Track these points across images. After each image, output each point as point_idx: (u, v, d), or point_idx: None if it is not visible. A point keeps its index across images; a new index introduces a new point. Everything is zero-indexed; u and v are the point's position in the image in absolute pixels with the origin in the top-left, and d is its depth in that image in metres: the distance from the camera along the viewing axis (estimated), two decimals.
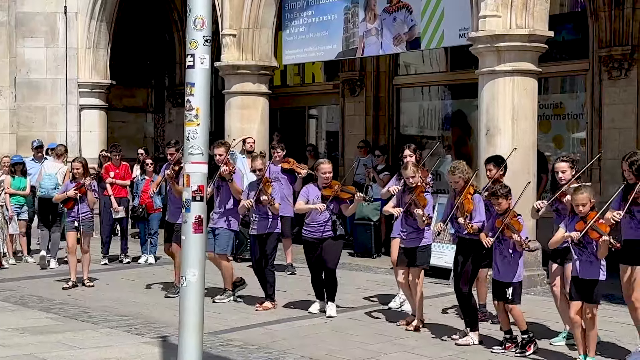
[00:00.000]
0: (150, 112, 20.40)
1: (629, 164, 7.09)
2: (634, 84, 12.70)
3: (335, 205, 9.11)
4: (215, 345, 7.92)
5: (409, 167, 8.60)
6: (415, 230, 8.64)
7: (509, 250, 7.53)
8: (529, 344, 7.56)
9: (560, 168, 7.74)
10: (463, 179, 7.99)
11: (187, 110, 4.82)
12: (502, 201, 7.55)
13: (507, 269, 7.57)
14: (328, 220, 9.12)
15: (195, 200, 4.76)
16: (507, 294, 7.54)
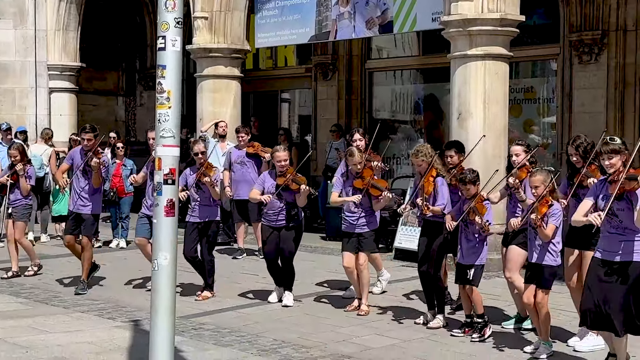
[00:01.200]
0: (121, 95, 20.24)
1: (575, 147, 7.21)
2: (603, 69, 12.80)
3: (289, 195, 8.86)
4: (188, 329, 7.91)
5: (356, 154, 8.51)
6: (368, 215, 8.60)
7: (474, 234, 7.56)
8: (484, 328, 7.58)
9: (514, 151, 7.86)
10: (426, 162, 8.03)
11: (158, 93, 4.78)
12: (470, 187, 7.56)
13: (470, 252, 7.59)
14: (282, 209, 8.89)
15: (167, 183, 4.74)
16: (468, 275, 7.57)
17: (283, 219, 8.92)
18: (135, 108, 20.27)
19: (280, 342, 7.48)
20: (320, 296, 9.53)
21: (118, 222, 13.48)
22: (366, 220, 8.62)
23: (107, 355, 7.00)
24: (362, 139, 9.09)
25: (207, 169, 9.23)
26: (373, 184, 8.49)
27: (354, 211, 8.61)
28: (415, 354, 7.14)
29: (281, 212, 8.91)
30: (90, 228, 10.03)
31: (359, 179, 8.54)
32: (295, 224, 8.98)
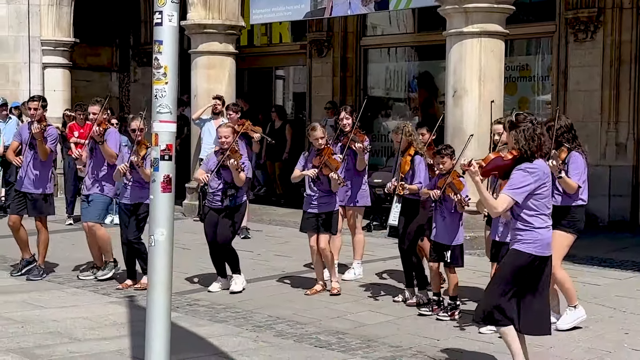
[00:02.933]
0: (115, 71, 20.13)
1: (546, 129, 6.89)
2: (599, 47, 12.77)
3: (226, 174, 8.46)
4: (183, 305, 7.95)
5: (318, 129, 8.38)
6: (327, 195, 8.43)
7: (450, 211, 7.53)
8: (453, 310, 7.56)
9: (497, 130, 7.86)
10: (406, 140, 8.06)
11: (155, 69, 4.75)
12: (447, 160, 7.54)
13: (446, 230, 7.56)
14: (219, 189, 8.49)
15: (164, 159, 4.72)
16: (446, 257, 7.54)
17: (218, 199, 8.52)
18: (129, 84, 20.18)
19: (275, 318, 7.52)
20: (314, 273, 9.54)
21: (112, 199, 13.43)
22: (325, 200, 8.40)
23: (103, 330, 7.03)
24: (349, 117, 9.03)
25: (139, 147, 8.51)
26: (326, 162, 8.29)
27: (314, 190, 8.40)
28: (409, 330, 7.19)
29: (217, 192, 8.52)
30: (40, 209, 9.31)
31: (317, 156, 8.37)
32: (231, 205, 8.52)
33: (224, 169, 8.45)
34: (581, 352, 6.57)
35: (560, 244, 6.98)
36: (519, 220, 5.67)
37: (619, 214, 12.55)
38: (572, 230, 7.15)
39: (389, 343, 6.78)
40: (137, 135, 8.59)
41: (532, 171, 5.59)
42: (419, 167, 8.01)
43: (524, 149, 5.63)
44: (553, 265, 6.92)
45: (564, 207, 7.10)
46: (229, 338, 6.85)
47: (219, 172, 8.46)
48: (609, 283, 8.87)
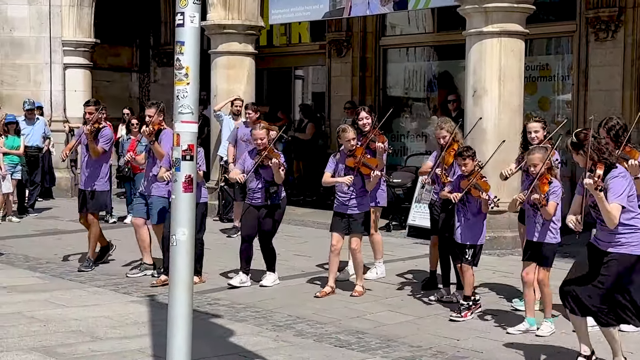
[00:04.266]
0: (135, 72, 20.23)
1: (607, 130, 7.01)
2: (620, 46, 12.69)
3: (267, 173, 8.63)
4: (203, 304, 7.98)
5: (349, 130, 8.36)
6: (360, 196, 8.42)
7: (474, 212, 7.53)
8: (466, 311, 7.54)
9: (532, 128, 7.76)
10: (449, 135, 8.11)
11: (176, 69, 4.78)
12: (468, 162, 7.54)
13: (469, 231, 7.55)
14: (259, 188, 8.67)
15: (185, 159, 4.76)
16: (467, 255, 7.54)
17: (260, 197, 8.69)
18: (149, 84, 20.28)
19: (295, 317, 7.54)
20: None
21: (133, 198, 13.51)
22: (357, 201, 8.40)
23: (124, 329, 7.08)
24: (369, 117, 8.97)
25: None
26: (364, 163, 8.30)
27: (346, 191, 8.40)
28: (429, 330, 7.19)
29: (258, 191, 8.68)
30: (95, 204, 9.81)
31: (351, 157, 8.35)
32: (272, 202, 8.71)
33: (262, 168, 8.61)
34: (602, 351, 6.53)
35: None
36: (620, 225, 5.83)
37: None
38: None
39: (409, 343, 6.78)
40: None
41: (625, 174, 5.95)
42: None
43: (605, 160, 5.88)
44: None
45: None
46: (249, 337, 6.88)
47: (257, 172, 8.63)
48: None
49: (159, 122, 9.32)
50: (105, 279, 9.17)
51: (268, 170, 8.59)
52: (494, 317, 7.60)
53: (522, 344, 6.77)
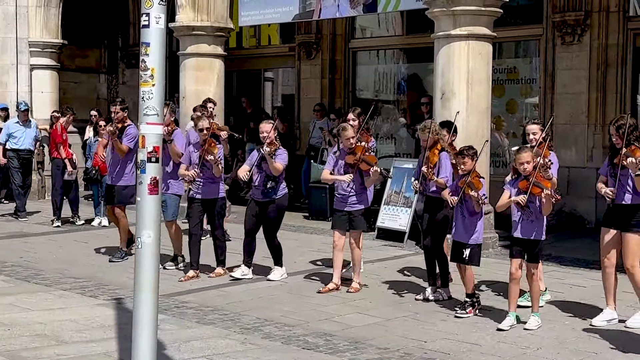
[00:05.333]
0: (104, 73, 20.08)
1: (616, 128, 7.21)
2: (586, 50, 12.82)
3: (267, 167, 8.85)
4: (170, 307, 7.93)
5: (349, 129, 8.62)
6: (359, 193, 8.67)
7: (470, 211, 7.66)
8: (470, 308, 7.69)
9: (531, 130, 7.97)
10: (433, 138, 8.27)
11: (142, 71, 4.76)
12: (468, 161, 7.65)
13: (465, 229, 7.70)
14: (262, 183, 8.91)
15: (151, 161, 4.73)
16: (465, 255, 7.67)
17: (260, 192, 8.96)
18: (118, 86, 20.13)
19: (263, 320, 7.52)
20: (303, 275, 9.56)
21: (100, 201, 13.42)
22: (357, 198, 8.67)
23: (90, 332, 7.01)
24: (356, 119, 9.19)
25: (210, 147, 9.10)
26: (364, 159, 8.53)
27: (346, 189, 8.66)
28: (397, 332, 7.20)
29: (261, 185, 8.93)
30: (120, 198, 10.31)
31: (350, 154, 8.59)
32: (271, 197, 8.93)
33: (264, 162, 8.83)
34: (567, 353, 6.60)
35: (636, 246, 7.19)
36: None
37: None
38: None
39: (377, 345, 6.79)
40: (205, 134, 9.13)
41: None
42: (444, 163, 8.22)
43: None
44: (633, 267, 7.17)
45: (634, 205, 7.20)
46: (217, 340, 6.84)
47: (260, 166, 8.88)
48: (596, 285, 8.89)
49: (170, 122, 9.77)
50: (72, 282, 9.08)
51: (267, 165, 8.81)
52: (462, 318, 7.64)
53: (488, 345, 6.81)
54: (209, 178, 9.23)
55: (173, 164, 9.67)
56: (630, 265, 7.25)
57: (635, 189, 7.16)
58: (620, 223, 7.28)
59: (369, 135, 9.34)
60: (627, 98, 12.67)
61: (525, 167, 7.14)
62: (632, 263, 7.24)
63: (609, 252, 7.40)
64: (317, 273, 9.64)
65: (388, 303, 8.26)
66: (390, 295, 8.61)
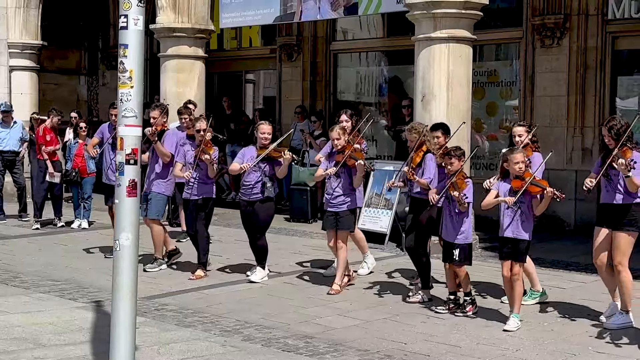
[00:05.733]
0: (84, 75, 19.99)
1: (607, 128, 7.31)
2: (565, 52, 12.90)
3: (269, 167, 9.06)
4: (150, 309, 7.90)
5: (335, 129, 8.78)
6: (346, 194, 8.77)
7: (455, 210, 7.74)
8: (470, 305, 7.82)
9: (517, 132, 8.12)
10: (420, 139, 8.35)
11: (120, 73, 4.74)
12: (455, 161, 7.73)
13: (453, 229, 7.78)
14: (257, 182, 9.04)
15: (129, 163, 4.71)
16: (454, 255, 7.75)
17: (258, 191, 9.06)
18: (98, 87, 20.05)
19: (243, 322, 7.51)
20: (283, 277, 9.55)
21: (80, 203, 13.36)
22: (343, 199, 8.76)
23: (69, 335, 6.97)
24: (349, 120, 9.30)
25: (207, 147, 9.21)
26: (350, 155, 8.62)
27: (334, 189, 8.76)
28: (377, 334, 7.21)
29: (256, 184, 9.04)
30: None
31: (340, 153, 8.73)
32: (271, 195, 9.10)
33: (264, 162, 8.99)
34: (546, 354, 6.63)
35: (626, 244, 7.28)
36: None
37: (585, 218, 12.65)
38: (633, 229, 7.33)
39: (357, 347, 6.79)
40: (202, 136, 9.22)
41: None
42: (429, 164, 8.28)
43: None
44: (621, 265, 7.24)
45: (625, 205, 7.29)
46: (197, 343, 6.82)
47: (259, 165, 9.01)
48: (575, 286, 8.97)
49: (162, 123, 9.93)
50: (51, 284, 9.03)
51: (269, 165, 9.00)
52: (442, 320, 7.66)
53: (467, 346, 6.83)
54: (202, 178, 9.34)
55: (162, 164, 9.75)
56: (619, 262, 7.35)
57: (626, 189, 7.27)
58: (612, 222, 7.39)
59: (361, 137, 9.44)
60: (606, 101, 12.75)
61: (520, 167, 7.27)
62: (620, 261, 7.34)
63: (601, 252, 7.51)
64: (298, 275, 9.64)
65: (368, 305, 8.27)
66: (371, 297, 8.62)
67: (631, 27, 12.51)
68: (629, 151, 7.15)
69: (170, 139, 9.87)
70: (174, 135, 9.95)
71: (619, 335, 7.13)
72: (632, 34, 12.58)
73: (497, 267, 9.65)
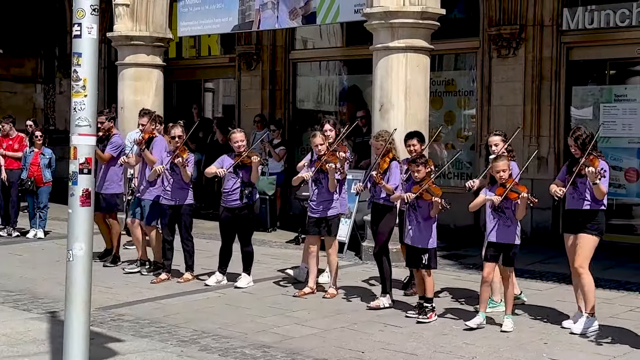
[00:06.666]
0: (40, 83, 19.76)
1: (574, 139, 7.52)
2: (521, 63, 13.06)
3: (245, 174, 9.19)
4: (106, 320, 7.82)
5: (317, 136, 8.93)
6: (326, 200, 8.89)
7: (424, 216, 7.87)
8: (431, 312, 7.91)
9: (493, 141, 8.27)
10: (386, 146, 8.50)
11: (74, 81, 4.70)
12: (421, 168, 7.89)
13: (421, 235, 7.91)
14: (236, 188, 9.21)
15: (83, 172, 4.67)
16: (423, 260, 7.89)
17: (237, 198, 9.22)
18: (55, 96, 19.82)
19: (201, 332, 7.46)
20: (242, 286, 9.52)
21: (36, 212, 13.19)
22: (324, 205, 8.90)
23: (22, 347, 6.86)
24: (333, 130, 9.35)
25: (181, 152, 9.43)
26: (326, 160, 8.75)
27: (314, 195, 8.93)
28: (335, 342, 7.21)
29: (234, 191, 9.21)
30: (107, 205, 10.77)
31: (318, 160, 8.86)
32: (249, 202, 9.26)
33: (240, 169, 9.13)
34: None
35: (588, 246, 7.47)
36: None
37: (541, 226, 12.84)
38: (596, 232, 7.52)
39: (314, 356, 6.79)
40: (177, 142, 9.46)
41: None
42: (394, 172, 8.45)
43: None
44: (582, 267, 7.39)
45: (592, 211, 7.49)
46: (153, 353, 6.76)
47: (237, 172, 9.15)
48: (531, 294, 9.06)
49: (150, 130, 10.11)
50: (5, 295, 8.89)
51: (245, 171, 9.12)
52: (399, 328, 7.69)
53: (424, 355, 6.87)
54: (177, 183, 9.55)
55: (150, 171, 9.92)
56: (579, 265, 7.51)
57: (593, 196, 7.46)
58: (577, 227, 7.57)
59: (345, 145, 9.54)
60: (561, 110, 12.93)
61: (501, 175, 7.45)
62: (581, 264, 7.51)
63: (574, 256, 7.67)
64: (256, 284, 9.60)
65: (327, 314, 8.27)
66: (329, 305, 8.62)
67: (585, 37, 12.72)
68: (596, 160, 7.36)
69: (160, 145, 10.04)
70: (162, 141, 10.13)
71: (573, 342, 7.23)
72: (586, 45, 12.78)
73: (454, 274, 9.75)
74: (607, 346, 7.10)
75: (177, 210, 9.69)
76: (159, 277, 9.73)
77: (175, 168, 9.53)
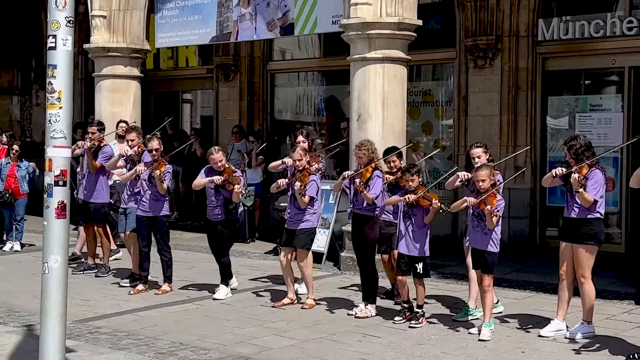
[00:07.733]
0: (17, 95, 19.63)
1: (567, 148, 7.68)
2: (497, 73, 13.14)
3: (227, 192, 9.27)
4: (83, 332, 7.78)
5: (297, 150, 8.97)
6: (300, 212, 8.92)
7: (419, 225, 7.98)
8: (422, 317, 8.07)
9: (475, 154, 8.36)
10: (368, 156, 8.59)
11: (49, 93, 4.69)
12: (415, 178, 8.03)
13: (415, 243, 8.01)
14: (219, 203, 9.30)
15: (58, 185, 4.65)
16: (418, 269, 8.02)
17: (220, 212, 9.32)
18: (31, 107, 19.70)
19: (179, 344, 7.43)
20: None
21: (12, 225, 13.09)
22: (298, 218, 8.95)
23: None
24: (306, 141, 9.40)
25: (159, 165, 9.56)
26: (298, 177, 8.82)
27: (289, 208, 9.00)
28: (313, 353, 7.21)
29: (218, 205, 9.31)
30: (96, 215, 10.95)
31: (293, 176, 8.96)
32: (232, 218, 9.38)
33: (223, 189, 9.25)
34: None
35: (587, 257, 7.57)
36: None
37: (518, 235, 12.90)
38: (592, 242, 7.60)
39: None
40: (154, 155, 9.59)
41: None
42: (376, 182, 8.52)
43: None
44: (584, 277, 7.53)
45: (580, 219, 7.59)
46: None
47: (218, 191, 9.28)
48: (508, 303, 9.10)
49: (139, 144, 10.13)
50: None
51: (227, 191, 9.22)
52: (377, 339, 7.70)
53: None
54: (154, 195, 9.65)
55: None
56: (582, 275, 7.63)
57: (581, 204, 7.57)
58: (571, 236, 7.69)
59: (318, 157, 9.65)
60: (537, 120, 13.02)
61: (480, 185, 7.60)
62: (583, 274, 7.63)
63: (564, 264, 7.77)
64: (234, 295, 9.58)
65: (305, 324, 8.27)
66: (307, 316, 8.62)
67: (560, 48, 12.82)
68: (585, 168, 7.48)
69: (106, 154, 10.42)
70: (110, 150, 10.35)
71: (550, 350, 7.27)
72: (562, 55, 12.89)
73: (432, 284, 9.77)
74: (585, 354, 7.15)
75: (153, 222, 9.74)
76: (136, 288, 9.73)
77: (152, 179, 9.60)
